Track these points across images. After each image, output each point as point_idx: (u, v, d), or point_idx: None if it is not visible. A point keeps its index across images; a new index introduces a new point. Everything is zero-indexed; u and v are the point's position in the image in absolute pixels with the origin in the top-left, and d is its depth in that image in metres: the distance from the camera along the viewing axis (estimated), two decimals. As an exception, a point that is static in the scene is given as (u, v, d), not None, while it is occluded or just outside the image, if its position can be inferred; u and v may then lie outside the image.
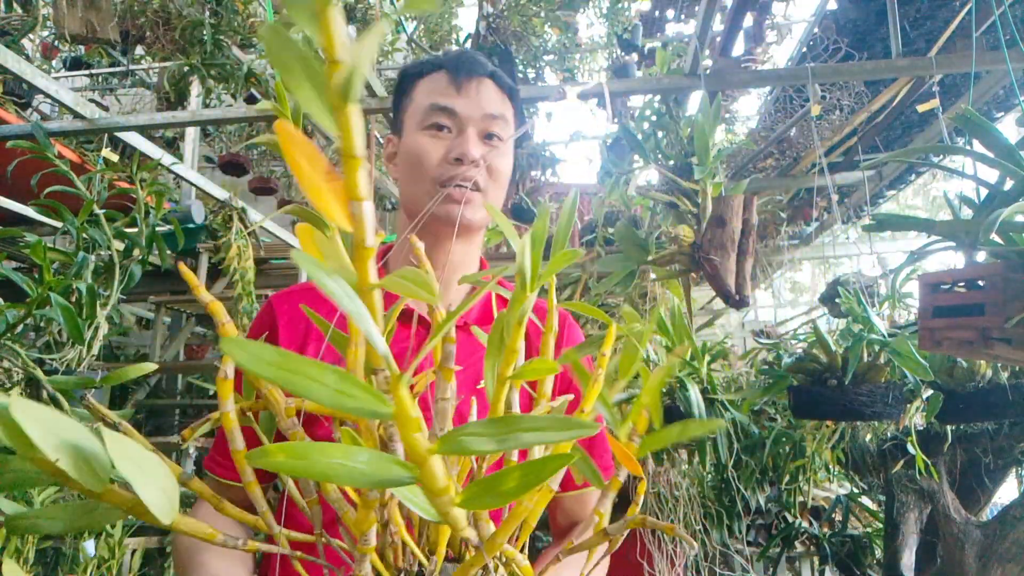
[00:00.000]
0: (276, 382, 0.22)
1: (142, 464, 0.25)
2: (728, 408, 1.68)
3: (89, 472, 0.25)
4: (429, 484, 0.27)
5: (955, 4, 2.27)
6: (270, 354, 0.22)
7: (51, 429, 0.24)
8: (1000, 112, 2.78)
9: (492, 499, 0.27)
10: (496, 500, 0.27)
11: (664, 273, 1.62)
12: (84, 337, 1.42)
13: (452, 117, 0.77)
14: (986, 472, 1.81)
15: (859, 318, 1.36)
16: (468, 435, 0.26)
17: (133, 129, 2.37)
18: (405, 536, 0.38)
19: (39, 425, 0.24)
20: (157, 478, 0.26)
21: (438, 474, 0.27)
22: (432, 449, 0.26)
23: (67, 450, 0.25)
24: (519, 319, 0.34)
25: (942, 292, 0.84)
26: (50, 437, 0.24)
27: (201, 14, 2.96)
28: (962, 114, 0.82)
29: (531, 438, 0.26)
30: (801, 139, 3.07)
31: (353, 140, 0.22)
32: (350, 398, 0.23)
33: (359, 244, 0.24)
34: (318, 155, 0.23)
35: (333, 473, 0.24)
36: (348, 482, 0.24)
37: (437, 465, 0.26)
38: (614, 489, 0.41)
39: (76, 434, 0.25)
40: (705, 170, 1.36)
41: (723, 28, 2.35)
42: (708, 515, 2.10)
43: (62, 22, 2.78)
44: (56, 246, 1.62)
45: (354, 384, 0.24)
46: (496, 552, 0.34)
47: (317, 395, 0.23)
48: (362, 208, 0.23)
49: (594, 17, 4.23)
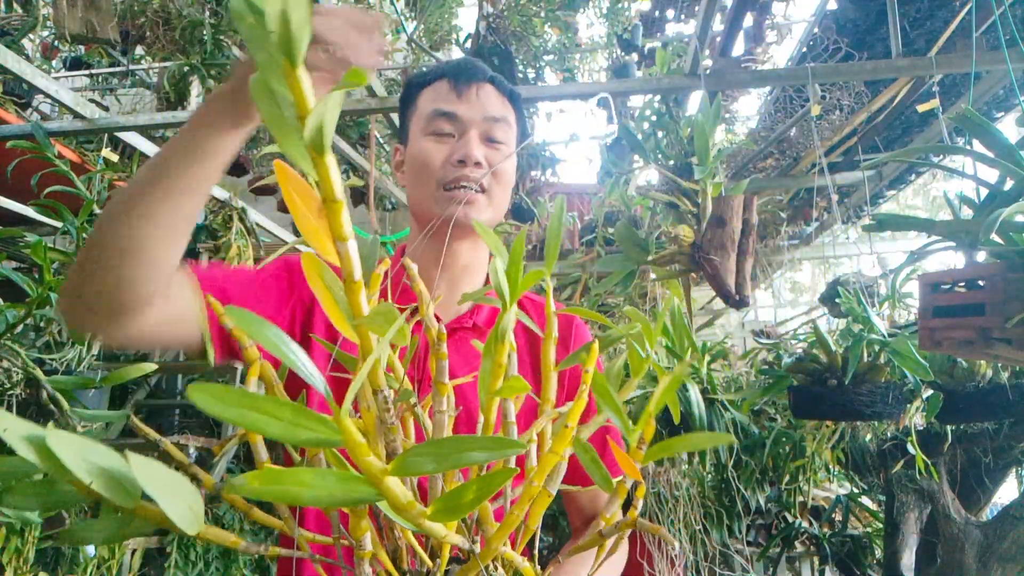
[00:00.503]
0: (234, 422, 0.24)
1: (168, 483, 0.27)
2: (728, 408, 1.68)
3: (121, 492, 0.28)
4: (393, 501, 0.29)
5: (955, 4, 2.27)
6: (231, 396, 0.25)
7: (83, 455, 0.27)
8: (1000, 112, 2.78)
9: (456, 511, 0.30)
10: (460, 511, 0.30)
11: (664, 273, 1.62)
12: (84, 337, 1.42)
13: (454, 121, 0.78)
14: (986, 472, 1.81)
15: (859, 318, 1.36)
16: (415, 456, 0.28)
17: (133, 129, 2.37)
18: (411, 539, 0.39)
19: (72, 453, 0.26)
20: (182, 495, 0.28)
21: (397, 492, 0.29)
22: (386, 470, 0.28)
23: (99, 473, 0.27)
24: (501, 336, 0.35)
25: (942, 292, 0.84)
26: (83, 463, 0.27)
27: (201, 14, 2.96)
28: (962, 114, 0.82)
29: (469, 458, 0.28)
30: (801, 139, 3.07)
31: (332, 186, 0.25)
32: (304, 430, 0.26)
33: (348, 278, 0.26)
34: (312, 194, 0.25)
35: (302, 497, 0.26)
36: (317, 503, 0.26)
37: (395, 484, 0.29)
38: (621, 495, 0.41)
39: (107, 459, 0.28)
40: (705, 170, 1.36)
41: (723, 28, 2.35)
42: (708, 515, 2.10)
43: (62, 22, 2.78)
44: (56, 246, 1.62)
45: (308, 416, 0.26)
46: (491, 557, 0.35)
47: (271, 430, 0.25)
48: (347, 247, 0.26)
49: (594, 17, 4.24)
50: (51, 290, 1.35)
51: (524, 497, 0.37)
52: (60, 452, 0.26)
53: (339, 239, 0.26)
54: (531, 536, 0.40)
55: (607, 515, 0.41)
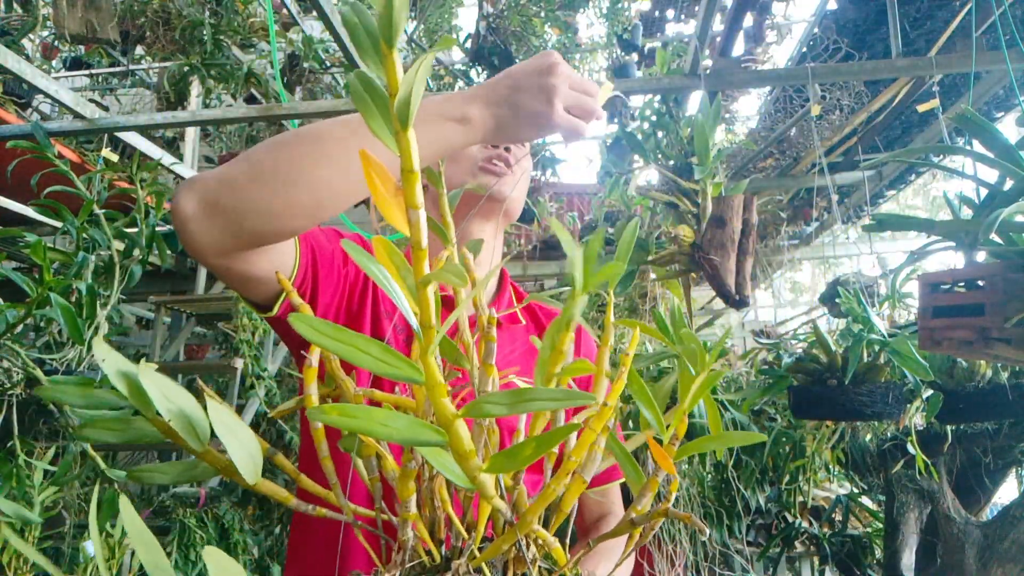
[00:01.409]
0: (332, 351, 0.28)
1: (236, 431, 0.31)
2: (728, 408, 1.68)
3: (193, 434, 0.31)
4: (456, 446, 0.31)
5: (955, 4, 2.27)
6: (328, 329, 0.28)
7: (167, 395, 0.30)
8: (1000, 112, 2.78)
9: (512, 463, 0.32)
10: (516, 464, 0.33)
11: (664, 273, 1.62)
12: (84, 337, 1.42)
13: None
14: (986, 472, 1.81)
15: (859, 318, 1.36)
16: (487, 402, 0.31)
17: (133, 129, 2.37)
18: (449, 511, 0.41)
19: (158, 390, 0.29)
20: (247, 445, 0.31)
21: (463, 437, 0.31)
22: (457, 414, 0.30)
23: (177, 413, 0.30)
24: (566, 324, 0.37)
25: (942, 292, 0.84)
26: (165, 401, 0.29)
27: (201, 14, 2.96)
28: (962, 114, 0.82)
29: (538, 405, 0.31)
30: (801, 139, 3.06)
31: (411, 158, 0.28)
32: (388, 366, 0.29)
33: (415, 245, 0.29)
34: (389, 176, 0.29)
35: (374, 431, 0.28)
36: (387, 438, 0.29)
37: (462, 429, 0.31)
38: (653, 488, 0.43)
39: (186, 402, 0.31)
40: (705, 170, 1.36)
41: (723, 28, 2.35)
42: (708, 515, 2.10)
43: (62, 22, 2.78)
44: (56, 246, 1.62)
45: (393, 355, 0.29)
46: (527, 530, 0.37)
47: (363, 361, 0.28)
48: (418, 215, 0.29)
49: (594, 17, 4.23)
50: (51, 290, 1.35)
51: (562, 472, 0.38)
52: (149, 388, 0.28)
53: (411, 207, 0.29)
54: (563, 520, 0.42)
55: (639, 508, 0.43)
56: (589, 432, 0.38)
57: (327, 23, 1.85)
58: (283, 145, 0.58)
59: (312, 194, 0.57)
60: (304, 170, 0.57)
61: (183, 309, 3.18)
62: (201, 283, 3.50)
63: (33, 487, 1.36)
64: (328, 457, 0.42)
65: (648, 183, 2.37)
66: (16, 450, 1.37)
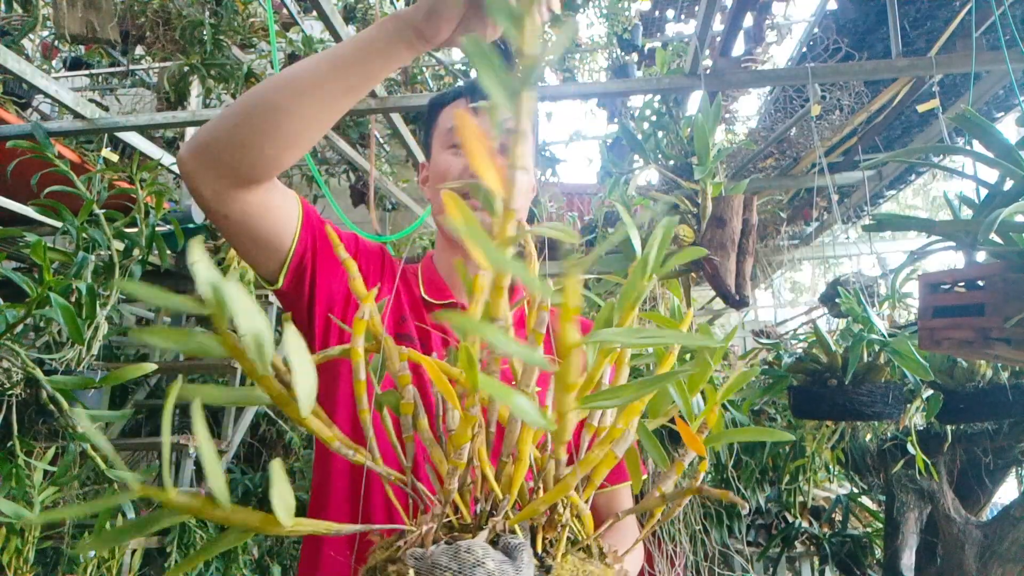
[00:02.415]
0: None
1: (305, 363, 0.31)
2: (728, 408, 1.68)
3: (260, 356, 0.31)
4: (566, 375, 0.33)
5: (955, 4, 2.27)
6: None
7: (247, 313, 0.29)
8: (1000, 112, 2.78)
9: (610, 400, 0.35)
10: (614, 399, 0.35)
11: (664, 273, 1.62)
12: (84, 337, 1.42)
13: None
14: (986, 472, 1.81)
15: (859, 318, 1.36)
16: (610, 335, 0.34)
17: (133, 129, 2.37)
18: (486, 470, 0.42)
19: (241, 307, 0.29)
20: (310, 378, 0.32)
21: (576, 367, 0.33)
22: (578, 341, 0.32)
23: (252, 334, 0.30)
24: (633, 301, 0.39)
25: (942, 292, 0.84)
26: (245, 320, 0.29)
27: (201, 14, 2.96)
28: (962, 114, 0.82)
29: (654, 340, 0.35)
30: (801, 139, 3.06)
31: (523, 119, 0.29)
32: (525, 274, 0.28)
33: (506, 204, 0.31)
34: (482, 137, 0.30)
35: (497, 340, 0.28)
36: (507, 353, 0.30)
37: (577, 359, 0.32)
38: (679, 471, 0.47)
39: (262, 324, 0.31)
40: (705, 170, 1.36)
41: (723, 28, 2.35)
42: (708, 515, 2.10)
43: (62, 22, 2.78)
44: (56, 246, 1.62)
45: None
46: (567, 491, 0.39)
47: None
48: (515, 175, 0.30)
49: (594, 17, 4.23)
50: (51, 290, 1.35)
51: (607, 438, 0.40)
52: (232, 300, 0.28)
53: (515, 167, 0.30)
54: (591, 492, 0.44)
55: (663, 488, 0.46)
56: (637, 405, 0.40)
57: (327, 23, 1.85)
58: (258, 87, 0.67)
59: (281, 123, 0.64)
60: (274, 102, 0.64)
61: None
62: (201, 283, 3.48)
63: (33, 487, 1.36)
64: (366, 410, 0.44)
65: (648, 183, 2.37)
66: (16, 450, 1.37)
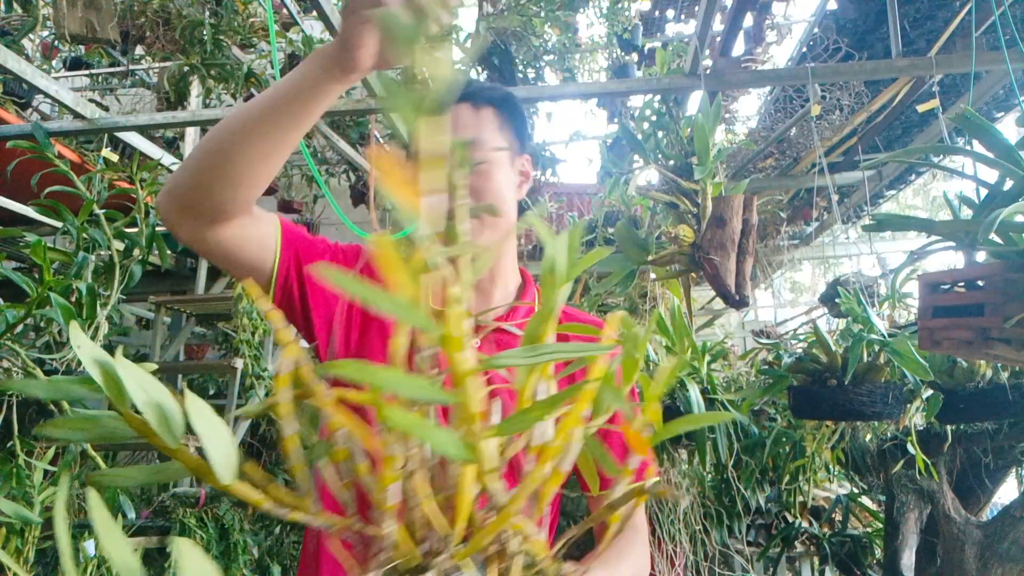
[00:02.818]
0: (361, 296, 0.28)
1: (213, 425, 0.29)
2: (728, 408, 1.68)
3: (167, 430, 0.29)
4: (464, 407, 0.31)
5: (955, 4, 2.27)
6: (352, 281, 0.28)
7: (143, 386, 0.29)
8: (1000, 112, 2.78)
9: (520, 425, 0.34)
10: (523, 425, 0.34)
11: (664, 273, 1.62)
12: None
13: None
14: (986, 472, 1.81)
15: (859, 318, 1.36)
16: (505, 357, 0.34)
17: (133, 129, 2.37)
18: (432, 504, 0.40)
19: (134, 381, 0.28)
20: (224, 441, 0.30)
21: (474, 397, 0.31)
22: (472, 369, 0.31)
23: (153, 407, 0.29)
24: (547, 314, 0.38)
25: (942, 292, 0.84)
26: (142, 393, 0.28)
27: (201, 14, 2.96)
28: (962, 114, 0.82)
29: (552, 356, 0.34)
30: (801, 139, 3.06)
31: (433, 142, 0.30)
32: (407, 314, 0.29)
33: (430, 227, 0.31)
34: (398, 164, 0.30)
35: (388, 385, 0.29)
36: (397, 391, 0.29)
37: (474, 387, 0.31)
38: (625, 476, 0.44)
39: (162, 395, 0.30)
40: (705, 170, 1.36)
41: (723, 28, 2.35)
42: (708, 515, 2.10)
43: (62, 22, 2.78)
44: (56, 246, 1.62)
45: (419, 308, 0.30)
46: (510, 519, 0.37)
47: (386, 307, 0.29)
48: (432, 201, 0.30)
49: (594, 17, 4.23)
50: (51, 290, 1.35)
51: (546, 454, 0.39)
52: (124, 377, 0.27)
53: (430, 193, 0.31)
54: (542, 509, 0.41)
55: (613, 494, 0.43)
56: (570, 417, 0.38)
57: (327, 23, 1.85)
58: (211, 131, 0.73)
59: (230, 166, 0.70)
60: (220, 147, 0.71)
61: (183, 309, 3.18)
62: (201, 283, 3.49)
63: (33, 487, 1.36)
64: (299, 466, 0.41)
65: (648, 183, 2.37)
66: (16, 450, 1.37)
